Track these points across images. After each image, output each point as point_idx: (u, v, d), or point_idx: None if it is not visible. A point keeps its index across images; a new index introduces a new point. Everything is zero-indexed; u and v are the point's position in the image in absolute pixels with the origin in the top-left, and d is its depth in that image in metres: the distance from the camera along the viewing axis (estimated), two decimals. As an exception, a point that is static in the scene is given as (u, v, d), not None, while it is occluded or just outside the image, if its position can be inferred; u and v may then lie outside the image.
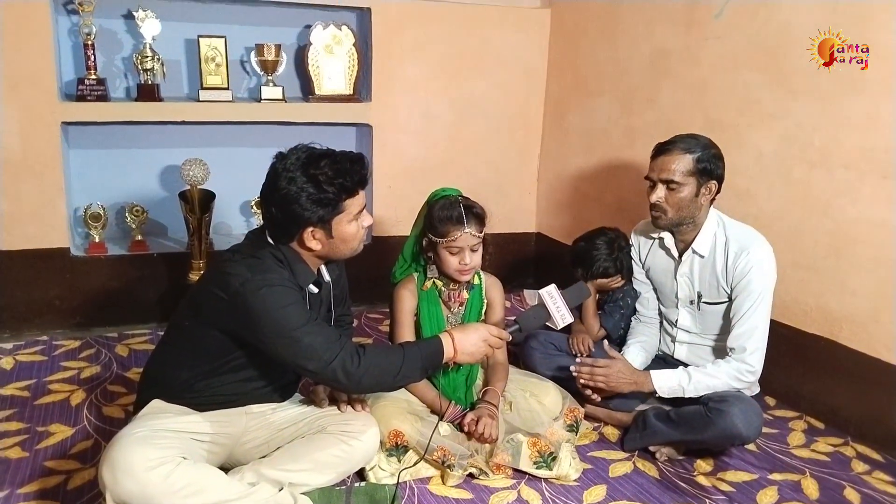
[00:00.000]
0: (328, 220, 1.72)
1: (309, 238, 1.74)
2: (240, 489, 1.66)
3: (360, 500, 1.85)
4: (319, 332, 1.68)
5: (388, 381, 1.76)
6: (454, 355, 1.80)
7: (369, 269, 3.30)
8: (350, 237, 1.78)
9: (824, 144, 2.37)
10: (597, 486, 2.03)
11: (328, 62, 3.27)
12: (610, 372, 2.14)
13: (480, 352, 1.85)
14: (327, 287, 1.91)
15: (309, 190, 1.68)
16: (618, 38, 3.18)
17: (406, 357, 1.74)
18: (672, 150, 2.17)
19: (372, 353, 1.71)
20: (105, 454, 1.59)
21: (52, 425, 2.22)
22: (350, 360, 1.66)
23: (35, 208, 2.90)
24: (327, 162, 1.70)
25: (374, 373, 1.70)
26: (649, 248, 2.43)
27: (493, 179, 3.62)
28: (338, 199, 1.71)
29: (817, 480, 2.11)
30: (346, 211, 1.74)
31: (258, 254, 1.75)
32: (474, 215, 2.10)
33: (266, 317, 1.65)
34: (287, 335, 1.65)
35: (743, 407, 2.03)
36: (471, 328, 1.87)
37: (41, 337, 2.89)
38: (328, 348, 1.66)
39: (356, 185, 1.74)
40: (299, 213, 1.69)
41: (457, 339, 1.80)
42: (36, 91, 2.81)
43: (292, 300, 1.69)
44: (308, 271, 1.80)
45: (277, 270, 1.73)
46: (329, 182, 1.69)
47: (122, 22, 3.10)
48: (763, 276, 2.15)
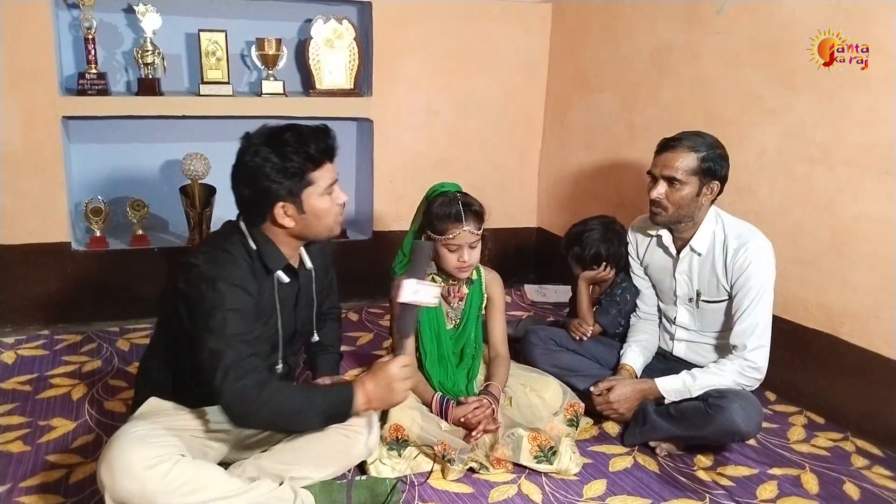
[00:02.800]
0: (297, 192, 1.69)
1: (281, 215, 1.70)
2: (239, 485, 1.65)
3: (361, 494, 1.85)
4: (239, 352, 1.59)
5: (281, 424, 1.70)
6: (367, 405, 1.71)
7: (370, 263, 3.32)
8: (323, 212, 1.74)
9: (826, 141, 2.37)
10: (597, 481, 2.04)
11: (329, 56, 3.27)
12: (617, 399, 2.21)
13: (398, 393, 1.73)
14: (308, 274, 1.88)
15: (273, 160, 1.65)
16: (619, 34, 3.18)
17: (309, 404, 1.65)
18: (677, 147, 2.16)
19: (275, 390, 1.61)
20: (103, 454, 1.58)
21: (53, 419, 2.22)
22: (248, 394, 1.57)
23: (36, 203, 2.90)
24: (291, 133, 1.68)
25: (269, 411, 1.60)
26: (647, 245, 2.43)
27: (493, 175, 3.61)
28: (304, 168, 1.68)
29: (817, 475, 2.12)
30: (316, 184, 1.71)
31: (226, 244, 1.72)
32: (473, 213, 2.10)
33: (201, 309, 1.61)
34: (208, 338, 1.60)
35: (742, 403, 2.04)
36: (380, 374, 1.72)
37: (42, 331, 2.89)
38: (236, 371, 1.57)
39: (322, 154, 1.71)
40: (266, 185, 1.66)
41: (370, 390, 1.70)
42: (36, 85, 2.81)
43: (236, 305, 1.62)
44: (278, 255, 1.76)
45: (240, 266, 1.68)
46: (293, 151, 1.66)
47: (123, 16, 3.09)
48: (762, 271, 2.15)
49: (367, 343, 2.95)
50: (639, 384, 2.25)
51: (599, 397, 2.24)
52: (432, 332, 2.19)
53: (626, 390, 2.22)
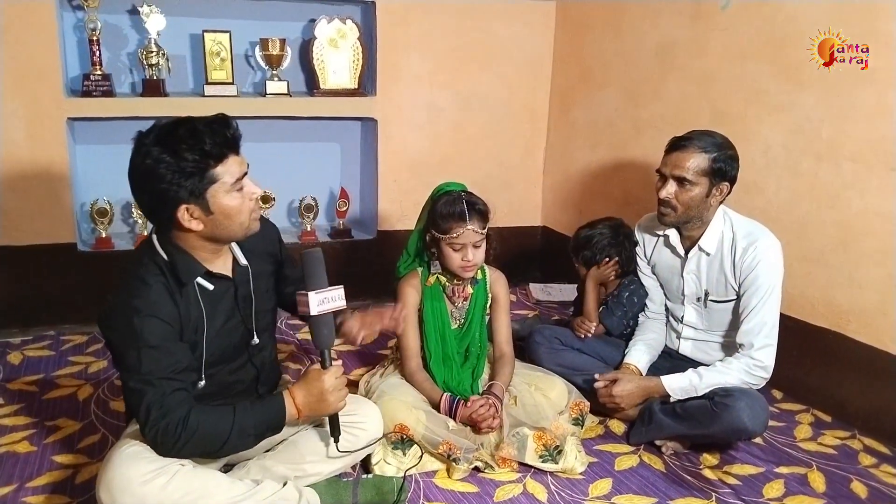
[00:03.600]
0: (200, 193, 1.54)
1: (186, 218, 1.56)
2: (242, 489, 1.64)
3: (367, 492, 1.85)
4: (160, 389, 1.52)
5: (212, 450, 1.61)
6: (297, 416, 1.66)
7: (374, 263, 3.33)
8: (234, 210, 1.59)
9: (832, 136, 2.35)
10: (602, 480, 2.03)
11: (333, 56, 3.27)
12: (620, 394, 2.19)
13: (330, 405, 1.68)
14: (244, 271, 1.73)
15: (166, 160, 1.50)
16: (623, 30, 3.16)
17: (236, 426, 1.57)
18: (688, 146, 2.13)
19: (198, 421, 1.54)
20: (100, 474, 1.56)
21: (59, 420, 2.23)
22: (173, 430, 1.52)
23: (41, 204, 2.91)
24: (184, 128, 1.52)
25: (196, 442, 1.55)
26: (654, 244, 2.42)
27: (498, 173, 3.61)
28: (203, 166, 1.52)
29: (824, 474, 2.11)
30: (220, 181, 1.55)
31: (138, 268, 1.61)
32: (477, 212, 2.09)
33: (118, 350, 1.56)
34: (128, 376, 1.54)
35: (749, 401, 2.02)
36: (312, 385, 1.67)
37: (49, 332, 2.90)
38: (158, 409, 1.51)
39: (221, 147, 1.54)
40: (164, 189, 1.51)
41: (300, 402, 1.65)
42: (42, 87, 2.82)
43: (152, 342, 1.53)
44: (193, 263, 1.63)
45: (153, 290, 1.57)
46: (189, 149, 1.50)
47: (127, 17, 3.10)
48: (771, 270, 2.13)
49: (371, 342, 2.95)
50: (644, 381, 2.24)
51: (603, 388, 2.23)
52: (436, 332, 2.19)
53: (630, 386, 2.21)
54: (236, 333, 1.76)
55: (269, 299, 1.85)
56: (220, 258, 1.71)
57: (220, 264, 1.71)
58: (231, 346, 1.75)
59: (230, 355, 1.75)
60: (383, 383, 2.17)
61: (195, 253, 1.64)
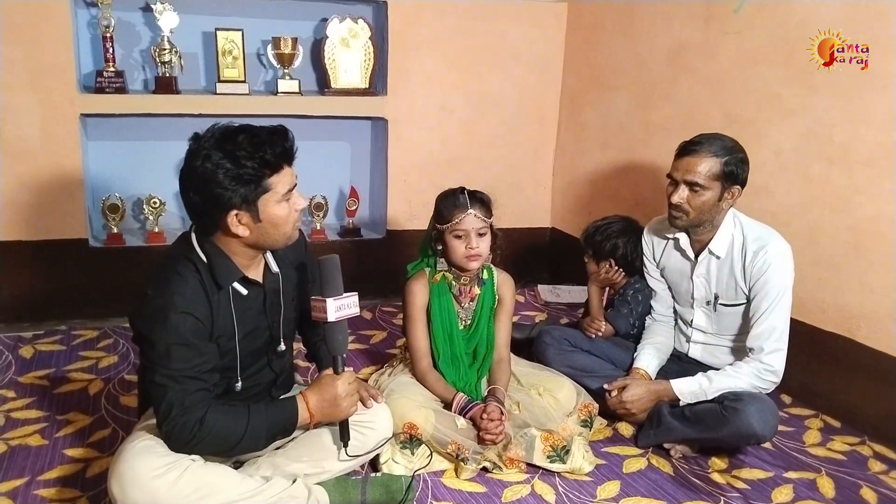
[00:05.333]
0: (253, 200, 1.57)
1: (234, 223, 1.58)
2: (252, 486, 1.65)
3: (375, 491, 1.85)
4: (184, 388, 1.55)
5: (224, 450, 1.64)
6: (310, 420, 1.69)
7: (383, 262, 3.33)
8: (281, 220, 1.62)
9: (843, 141, 2.34)
10: (611, 482, 2.03)
11: (344, 55, 3.28)
12: (630, 399, 2.20)
13: (343, 409, 1.71)
14: (275, 278, 1.77)
15: (226, 166, 1.53)
16: (635, 33, 3.16)
17: (250, 428, 1.60)
18: (699, 151, 2.13)
19: (214, 421, 1.56)
20: (111, 468, 1.57)
21: (70, 414, 2.24)
22: (189, 429, 1.54)
23: (54, 199, 2.93)
24: (245, 136, 1.56)
25: (209, 442, 1.57)
26: (663, 248, 2.41)
27: (508, 174, 3.61)
28: (259, 175, 1.56)
29: (833, 479, 2.10)
30: (273, 190, 1.58)
31: (176, 263, 1.63)
32: (478, 199, 2.12)
33: (149, 341, 1.57)
34: (154, 370, 1.55)
35: (759, 405, 2.02)
36: (325, 391, 1.70)
37: (60, 326, 2.92)
38: (179, 407, 1.53)
39: (279, 158, 1.58)
40: (219, 193, 1.54)
41: (313, 406, 1.68)
42: (55, 83, 2.84)
43: (183, 338, 1.55)
44: (232, 267, 1.65)
45: (189, 286, 1.59)
46: (248, 157, 1.53)
47: (141, 15, 3.12)
48: (781, 274, 2.13)
49: (380, 341, 2.96)
50: (653, 385, 2.24)
51: (613, 397, 2.24)
52: (444, 333, 2.19)
53: (640, 391, 2.21)
54: (260, 339, 1.77)
55: (296, 307, 1.87)
56: (255, 264, 1.73)
57: (254, 270, 1.74)
58: (254, 351, 1.77)
59: (251, 360, 1.77)
60: (392, 382, 2.17)
61: (234, 258, 1.66)
